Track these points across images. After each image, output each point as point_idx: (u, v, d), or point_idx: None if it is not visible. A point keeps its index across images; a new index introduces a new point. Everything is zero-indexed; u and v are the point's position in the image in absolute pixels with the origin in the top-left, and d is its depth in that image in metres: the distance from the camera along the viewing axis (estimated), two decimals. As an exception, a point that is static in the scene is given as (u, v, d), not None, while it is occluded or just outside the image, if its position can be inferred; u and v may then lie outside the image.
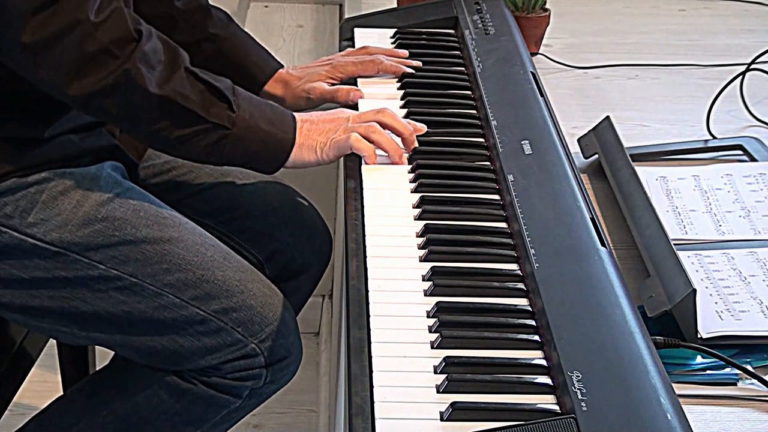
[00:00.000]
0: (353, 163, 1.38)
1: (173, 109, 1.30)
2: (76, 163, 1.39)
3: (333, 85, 1.60)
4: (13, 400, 1.55)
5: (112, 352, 1.50)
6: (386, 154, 1.37)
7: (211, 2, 1.61)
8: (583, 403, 0.92)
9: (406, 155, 1.38)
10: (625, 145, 1.47)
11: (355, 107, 1.52)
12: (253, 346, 1.38)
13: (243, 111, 1.34)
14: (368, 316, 1.07)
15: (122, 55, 1.25)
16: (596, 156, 1.52)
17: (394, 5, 1.97)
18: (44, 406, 1.50)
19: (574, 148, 1.54)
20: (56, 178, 1.36)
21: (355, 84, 1.60)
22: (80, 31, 1.23)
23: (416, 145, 1.39)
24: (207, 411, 1.41)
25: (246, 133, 1.34)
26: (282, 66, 1.63)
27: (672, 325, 1.14)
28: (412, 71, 1.62)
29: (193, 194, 1.58)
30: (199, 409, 1.41)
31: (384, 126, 1.39)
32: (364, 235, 1.21)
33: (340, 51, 1.70)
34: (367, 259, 1.17)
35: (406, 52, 1.66)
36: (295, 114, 1.40)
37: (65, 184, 1.36)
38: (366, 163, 1.36)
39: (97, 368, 1.64)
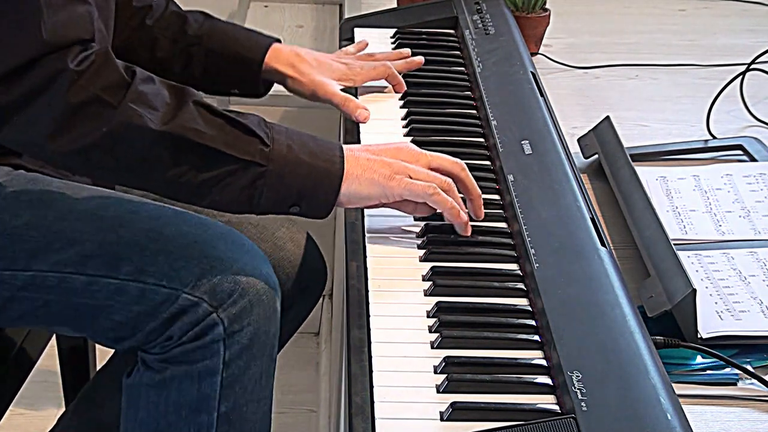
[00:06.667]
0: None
1: (186, 148, 1.15)
2: None
3: (343, 87, 1.52)
4: (14, 400, 1.55)
5: (112, 350, 1.47)
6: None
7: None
8: (583, 403, 0.92)
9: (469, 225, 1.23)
10: (625, 145, 1.47)
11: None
12: (185, 296, 1.23)
13: (279, 144, 1.18)
14: (368, 316, 1.07)
15: (114, 100, 1.13)
16: (596, 156, 1.51)
17: (394, 5, 1.97)
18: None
19: (574, 148, 1.54)
20: None
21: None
22: (64, 81, 1.12)
23: (482, 213, 1.25)
24: (200, 388, 1.27)
25: (285, 169, 1.18)
26: (277, 40, 1.54)
27: (672, 325, 1.14)
28: (419, 71, 1.58)
29: None
30: (192, 390, 1.27)
31: (457, 182, 1.24)
32: (364, 235, 1.21)
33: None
34: (367, 259, 1.17)
35: (408, 51, 1.61)
36: (347, 146, 1.23)
37: None
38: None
39: (98, 368, 1.65)
